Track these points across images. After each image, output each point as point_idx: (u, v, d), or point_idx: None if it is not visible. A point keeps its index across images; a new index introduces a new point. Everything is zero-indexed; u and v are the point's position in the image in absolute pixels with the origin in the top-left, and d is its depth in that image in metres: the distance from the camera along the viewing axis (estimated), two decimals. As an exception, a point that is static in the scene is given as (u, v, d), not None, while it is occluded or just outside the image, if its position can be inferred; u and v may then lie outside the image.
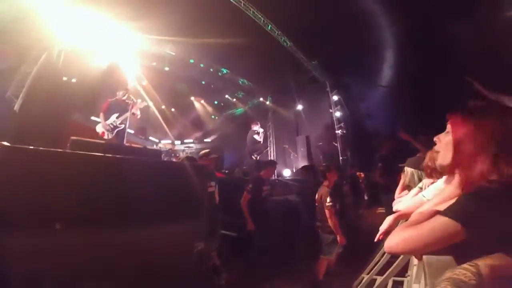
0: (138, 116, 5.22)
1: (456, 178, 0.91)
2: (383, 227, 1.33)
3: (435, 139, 0.99)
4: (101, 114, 5.01)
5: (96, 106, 5.51)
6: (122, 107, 5.08)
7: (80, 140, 2.99)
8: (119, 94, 5.13)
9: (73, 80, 6.57)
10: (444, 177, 1.55)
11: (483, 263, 0.61)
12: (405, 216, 1.30)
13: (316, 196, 3.51)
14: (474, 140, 0.82)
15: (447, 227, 0.72)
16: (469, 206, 0.73)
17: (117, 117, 5.02)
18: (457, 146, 0.87)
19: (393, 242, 0.82)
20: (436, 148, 0.99)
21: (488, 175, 0.76)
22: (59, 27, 5.83)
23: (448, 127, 0.94)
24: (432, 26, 5.99)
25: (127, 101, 5.09)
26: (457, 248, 0.72)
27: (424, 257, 0.98)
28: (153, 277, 1.82)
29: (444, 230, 0.72)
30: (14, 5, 4.80)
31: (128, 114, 5.01)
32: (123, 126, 5.06)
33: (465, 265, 0.61)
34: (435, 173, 1.77)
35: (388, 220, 1.35)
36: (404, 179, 2.56)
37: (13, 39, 4.91)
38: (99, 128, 5.00)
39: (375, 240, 1.31)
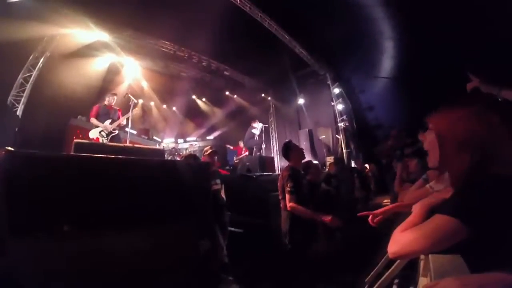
0: (123, 124, 5.27)
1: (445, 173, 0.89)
2: (377, 211, 1.29)
3: (420, 137, 0.97)
4: (93, 119, 5.05)
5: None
6: (112, 114, 5.20)
7: (83, 142, 3.02)
8: (108, 99, 5.25)
9: (74, 83, 6.58)
10: None
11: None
12: (404, 208, 1.27)
13: None
14: (454, 135, 0.81)
15: (447, 225, 0.70)
16: (465, 200, 0.72)
17: (110, 123, 5.10)
18: (440, 144, 0.85)
19: (396, 247, 0.80)
20: (425, 147, 0.97)
21: (475, 169, 0.75)
22: (58, 30, 5.84)
23: (430, 125, 0.92)
24: (432, 16, 5.91)
25: (114, 107, 5.27)
26: (464, 246, 0.70)
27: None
28: (161, 274, 1.84)
29: (444, 228, 0.70)
30: (12, 11, 4.80)
31: (120, 120, 5.13)
32: (116, 131, 5.15)
33: None
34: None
35: (387, 207, 1.31)
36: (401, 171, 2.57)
37: (12, 43, 4.92)
38: (93, 134, 5.02)
39: (358, 215, 1.30)
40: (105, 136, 5.00)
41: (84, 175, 1.72)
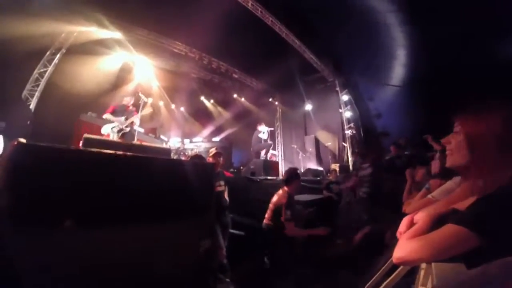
0: (136, 125, 5.43)
1: (471, 179, 0.87)
2: (402, 229, 1.28)
3: (443, 141, 0.95)
4: (108, 114, 5.27)
5: (108, 106, 5.67)
6: (128, 112, 5.41)
7: (92, 138, 3.08)
8: (126, 99, 5.49)
9: (87, 79, 6.73)
10: (454, 178, 1.52)
11: None
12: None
13: None
14: (489, 137, 0.78)
15: (460, 236, 0.69)
16: (484, 213, 0.70)
17: (124, 120, 5.31)
18: (472, 144, 0.83)
19: (402, 253, 0.79)
20: (447, 149, 0.94)
21: (508, 174, 0.73)
22: (75, 27, 6.02)
23: (457, 127, 0.90)
24: (443, 26, 5.87)
25: (131, 107, 5.50)
26: (469, 255, 0.69)
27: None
28: (159, 274, 1.85)
29: (456, 239, 0.69)
30: (29, 8, 4.96)
31: (133, 118, 5.31)
32: (128, 129, 5.33)
33: None
34: (444, 174, 1.74)
35: (405, 221, 1.31)
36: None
37: (29, 39, 5.08)
38: (105, 130, 5.18)
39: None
40: (116, 132, 5.15)
41: (91, 170, 1.74)
